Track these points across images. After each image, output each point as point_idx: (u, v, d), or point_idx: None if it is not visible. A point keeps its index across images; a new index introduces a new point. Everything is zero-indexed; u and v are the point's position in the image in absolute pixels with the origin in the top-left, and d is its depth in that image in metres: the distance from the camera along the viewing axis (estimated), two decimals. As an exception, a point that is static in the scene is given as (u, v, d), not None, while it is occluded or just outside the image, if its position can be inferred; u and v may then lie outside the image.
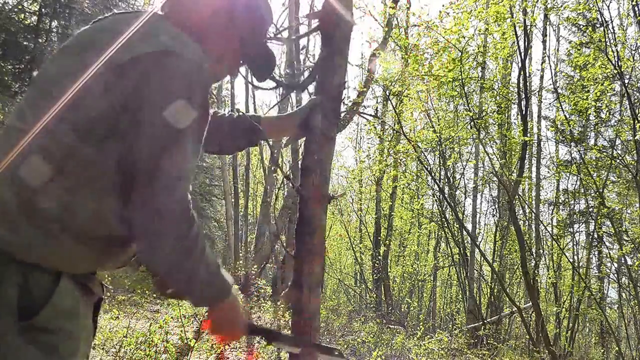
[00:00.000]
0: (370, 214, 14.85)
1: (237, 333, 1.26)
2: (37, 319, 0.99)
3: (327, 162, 1.53)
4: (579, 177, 8.89)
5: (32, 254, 1.01)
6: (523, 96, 7.76)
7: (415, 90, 9.04)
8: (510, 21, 7.29)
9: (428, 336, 8.31)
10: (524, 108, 7.79)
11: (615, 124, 9.72)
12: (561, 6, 8.29)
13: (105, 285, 1.22)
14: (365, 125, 10.58)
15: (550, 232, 10.49)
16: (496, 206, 12.38)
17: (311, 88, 1.74)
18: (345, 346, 6.62)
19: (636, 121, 6.63)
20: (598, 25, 7.86)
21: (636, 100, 8.70)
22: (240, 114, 1.59)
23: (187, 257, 1.05)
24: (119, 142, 1.03)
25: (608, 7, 10.57)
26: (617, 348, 9.06)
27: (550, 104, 16.50)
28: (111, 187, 1.04)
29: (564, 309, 9.88)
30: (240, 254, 9.67)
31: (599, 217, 8.79)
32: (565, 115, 8.21)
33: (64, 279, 1.04)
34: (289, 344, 1.37)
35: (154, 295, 8.79)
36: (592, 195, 8.91)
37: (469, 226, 13.12)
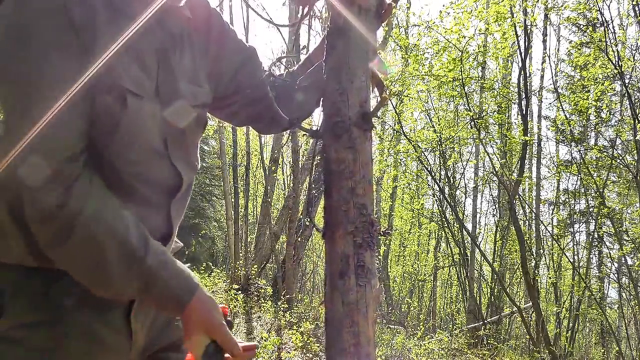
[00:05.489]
0: (370, 214, 14.81)
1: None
2: None
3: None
4: (579, 177, 8.88)
5: None
6: (523, 96, 7.75)
7: (415, 90, 9.04)
8: (511, 21, 7.29)
9: (428, 336, 8.30)
10: (524, 108, 7.78)
11: (616, 124, 9.71)
12: (561, 6, 8.29)
13: None
14: (366, 125, 10.55)
15: (551, 232, 10.48)
16: (496, 206, 12.36)
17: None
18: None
19: (637, 121, 6.62)
20: (598, 25, 7.85)
21: (637, 100, 8.69)
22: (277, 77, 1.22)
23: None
24: None
25: (608, 7, 10.54)
26: (617, 348, 9.05)
27: (550, 103, 16.53)
28: None
29: (564, 309, 9.87)
30: (240, 254, 9.66)
31: (599, 217, 8.79)
32: (565, 115, 8.21)
33: (35, 279, 0.86)
34: None
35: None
36: (593, 195, 8.90)
37: (469, 226, 13.12)
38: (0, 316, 0.86)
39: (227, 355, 0.92)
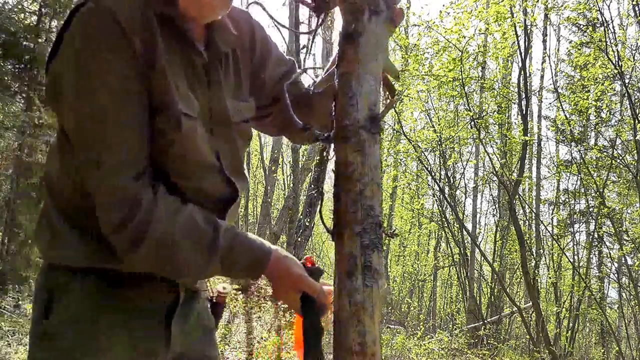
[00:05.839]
0: (370, 214, 14.82)
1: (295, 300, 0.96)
2: (46, 323, 0.95)
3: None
4: (579, 177, 8.88)
5: (43, 253, 1.00)
6: (523, 96, 7.76)
7: (415, 90, 9.04)
8: (511, 21, 7.29)
9: (428, 336, 8.30)
10: (524, 108, 7.79)
11: (616, 123, 9.71)
12: (561, 6, 8.29)
13: (191, 289, 1.08)
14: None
15: (551, 232, 10.48)
16: (496, 206, 12.37)
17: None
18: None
19: (636, 121, 6.63)
20: (598, 25, 7.85)
21: (636, 100, 8.69)
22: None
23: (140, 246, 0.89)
24: None
25: (608, 7, 10.57)
26: (617, 348, 9.06)
27: (550, 103, 16.53)
28: None
29: (564, 309, 9.87)
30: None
31: (599, 217, 8.79)
32: (565, 115, 8.20)
33: (79, 279, 0.95)
34: None
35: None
36: (593, 195, 8.90)
37: (469, 226, 13.12)
38: (48, 317, 0.95)
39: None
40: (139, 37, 0.88)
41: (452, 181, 11.22)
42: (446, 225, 10.39)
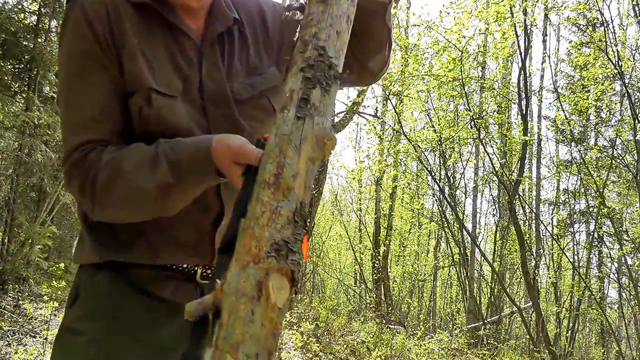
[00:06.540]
0: (369, 214, 14.85)
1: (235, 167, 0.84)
2: (64, 319, 0.99)
3: None
4: (579, 177, 8.88)
5: (74, 257, 1.07)
6: (523, 96, 7.76)
7: (415, 90, 9.04)
8: (511, 21, 7.29)
9: (428, 336, 8.30)
10: (524, 108, 7.79)
11: (616, 123, 9.71)
12: (561, 6, 8.29)
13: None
14: (365, 125, 10.57)
15: (551, 232, 10.48)
16: (496, 206, 12.36)
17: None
18: (345, 346, 6.62)
19: (636, 121, 6.63)
20: (598, 25, 7.85)
21: (636, 100, 8.69)
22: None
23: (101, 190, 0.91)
24: None
25: (608, 7, 10.58)
26: (617, 348, 9.06)
27: (550, 103, 16.55)
28: None
29: (564, 309, 9.87)
30: (240, 254, 9.64)
31: (599, 217, 8.79)
32: (565, 115, 8.21)
33: (99, 275, 0.99)
34: None
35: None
36: (593, 195, 8.90)
37: (469, 226, 13.10)
38: (75, 302, 0.99)
39: None
40: (105, 26, 0.96)
41: (452, 181, 11.22)
42: (446, 225, 10.39)
